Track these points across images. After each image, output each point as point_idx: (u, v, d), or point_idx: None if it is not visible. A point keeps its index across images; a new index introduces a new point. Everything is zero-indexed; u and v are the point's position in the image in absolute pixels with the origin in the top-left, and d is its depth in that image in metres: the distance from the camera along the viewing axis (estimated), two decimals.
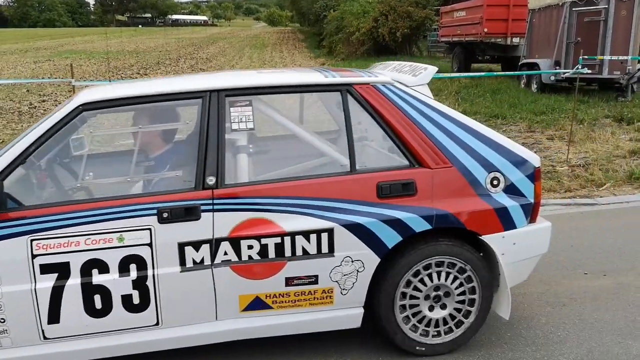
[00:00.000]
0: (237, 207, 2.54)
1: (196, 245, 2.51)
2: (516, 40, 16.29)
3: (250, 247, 2.56)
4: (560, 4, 11.93)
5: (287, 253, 2.59)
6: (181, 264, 2.52)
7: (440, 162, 2.71)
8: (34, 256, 2.39)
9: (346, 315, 2.77)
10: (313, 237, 2.59)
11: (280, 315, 2.70)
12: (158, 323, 2.58)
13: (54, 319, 2.46)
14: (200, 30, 70.81)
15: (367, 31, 26.24)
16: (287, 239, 2.57)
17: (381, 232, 2.63)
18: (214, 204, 2.53)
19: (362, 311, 2.78)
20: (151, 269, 2.49)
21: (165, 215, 2.47)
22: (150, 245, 2.47)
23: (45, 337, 2.48)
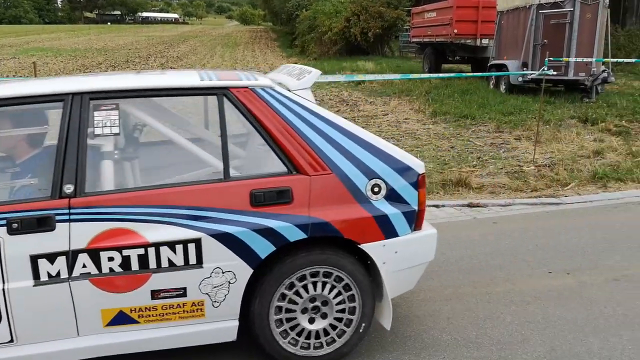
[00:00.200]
0: (97, 217, 2.42)
1: (51, 257, 2.37)
2: (485, 41, 16.50)
3: (110, 259, 2.43)
4: (528, 6, 12.12)
5: (152, 265, 2.47)
6: (35, 277, 2.37)
7: (319, 168, 2.64)
8: None
9: (219, 328, 2.66)
10: (179, 247, 2.47)
11: (147, 330, 2.58)
12: (12, 340, 2.43)
13: None
14: (171, 28, 70.06)
15: (339, 31, 26.29)
16: (152, 250, 2.45)
17: (253, 242, 2.53)
18: (70, 213, 2.39)
19: (237, 324, 2.69)
20: (0, 282, 2.35)
21: (15, 226, 2.33)
22: None
23: None
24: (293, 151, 2.64)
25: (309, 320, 2.77)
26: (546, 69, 7.86)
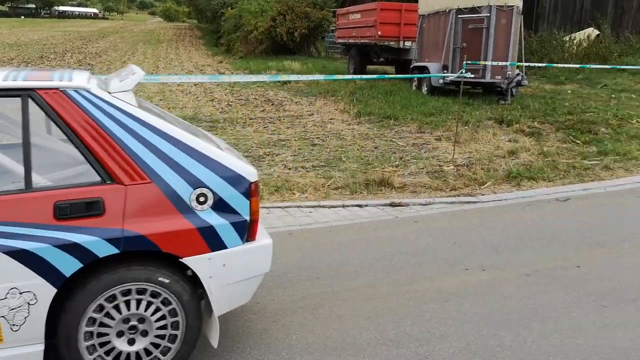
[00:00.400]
0: None
1: None
2: (408, 44, 16.89)
3: None
4: (447, 10, 12.52)
5: None
6: None
7: (137, 177, 2.47)
8: None
9: (21, 354, 2.41)
10: None
11: None
12: None
13: None
14: (90, 23, 67.08)
15: (265, 30, 26.15)
16: None
17: (55, 259, 2.33)
18: None
19: (42, 347, 2.45)
20: None
21: None
22: None
23: None
24: (107, 159, 2.45)
25: (128, 341, 2.57)
26: (464, 71, 8.13)
